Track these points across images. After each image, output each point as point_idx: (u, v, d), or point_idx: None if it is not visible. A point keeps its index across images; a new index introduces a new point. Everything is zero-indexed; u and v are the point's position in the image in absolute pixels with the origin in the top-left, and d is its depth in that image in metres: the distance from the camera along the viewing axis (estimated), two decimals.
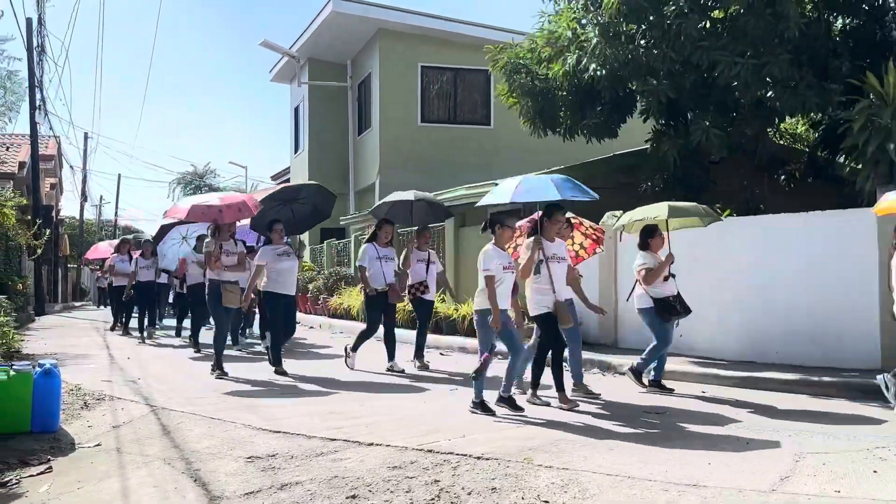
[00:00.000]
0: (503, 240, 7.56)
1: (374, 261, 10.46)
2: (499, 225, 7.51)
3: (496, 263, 7.30)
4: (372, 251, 10.54)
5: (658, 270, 8.71)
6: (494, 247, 7.43)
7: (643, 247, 8.98)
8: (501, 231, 7.50)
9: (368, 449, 5.83)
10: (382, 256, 10.50)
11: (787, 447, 5.88)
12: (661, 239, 8.92)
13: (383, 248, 10.61)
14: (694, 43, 11.05)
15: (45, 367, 6.74)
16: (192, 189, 66.63)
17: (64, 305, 35.90)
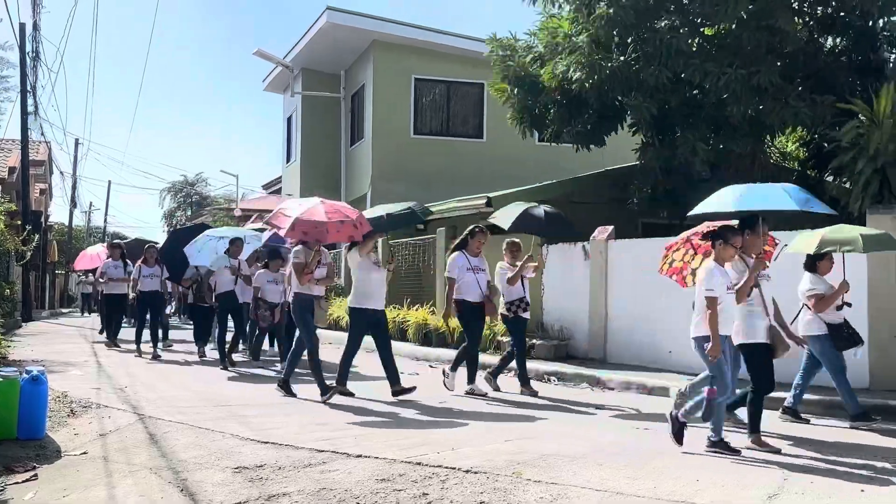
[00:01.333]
0: (725, 257, 6.57)
1: (466, 271, 9.47)
2: (721, 241, 6.52)
3: (720, 283, 6.42)
4: (462, 261, 9.52)
5: (831, 298, 7.87)
6: (717, 264, 6.52)
7: (811, 269, 8.08)
8: (724, 248, 6.50)
9: (357, 461, 5.81)
10: (474, 267, 9.50)
11: (774, 465, 5.90)
12: (829, 263, 8.02)
13: (474, 257, 9.60)
14: (686, 59, 11.12)
15: (33, 373, 6.69)
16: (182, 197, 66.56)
17: (51, 312, 35.73)
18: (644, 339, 11.69)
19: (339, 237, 8.76)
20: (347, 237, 8.77)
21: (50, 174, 37.07)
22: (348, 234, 8.68)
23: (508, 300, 9.64)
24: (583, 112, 13.48)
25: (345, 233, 8.63)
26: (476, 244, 9.62)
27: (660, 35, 11.19)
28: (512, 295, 9.67)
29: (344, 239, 8.88)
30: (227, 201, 52.09)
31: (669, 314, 11.24)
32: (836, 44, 13.15)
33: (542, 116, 13.99)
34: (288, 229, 8.38)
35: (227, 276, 12.30)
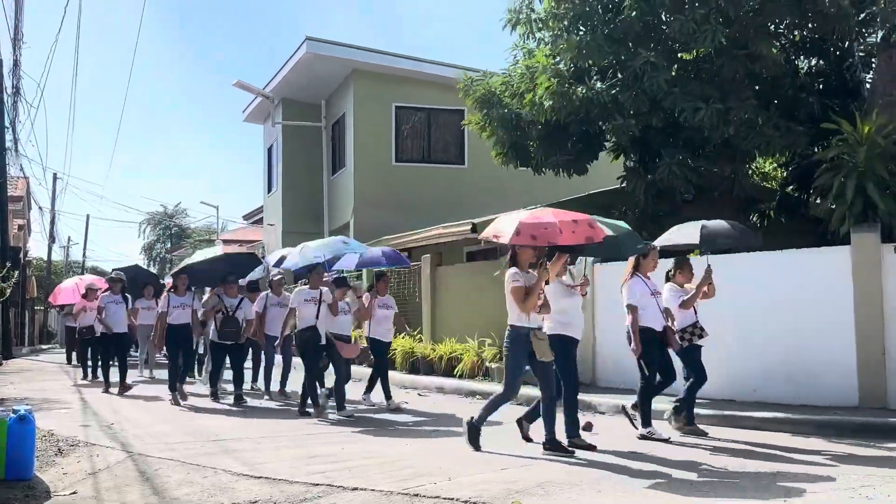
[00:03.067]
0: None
1: (647, 297, 8.39)
2: None
3: None
4: (641, 286, 8.45)
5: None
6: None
7: None
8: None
9: (353, 494, 5.74)
10: (653, 291, 8.49)
11: (773, 488, 5.87)
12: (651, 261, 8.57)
13: (649, 280, 8.57)
14: (663, 89, 11.22)
15: (20, 412, 6.59)
16: (161, 229, 66.31)
17: (31, 348, 35.28)
18: (632, 363, 11.62)
19: (575, 238, 7.48)
20: (585, 238, 7.55)
21: (28, 209, 36.84)
22: (585, 234, 7.51)
23: (681, 326, 8.66)
24: (565, 141, 13.54)
25: (581, 233, 7.46)
26: (652, 264, 8.59)
27: (636, 66, 11.30)
28: (686, 320, 8.72)
29: (581, 240, 7.58)
30: (207, 232, 51.91)
31: None
32: (812, 66, 13.32)
33: (526, 149, 14.03)
34: (513, 235, 7.20)
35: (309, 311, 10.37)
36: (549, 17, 12.28)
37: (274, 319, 12.26)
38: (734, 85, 11.24)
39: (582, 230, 7.42)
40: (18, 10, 22.20)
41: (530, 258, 7.49)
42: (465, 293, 15.02)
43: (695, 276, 8.88)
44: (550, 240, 7.32)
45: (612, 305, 12.04)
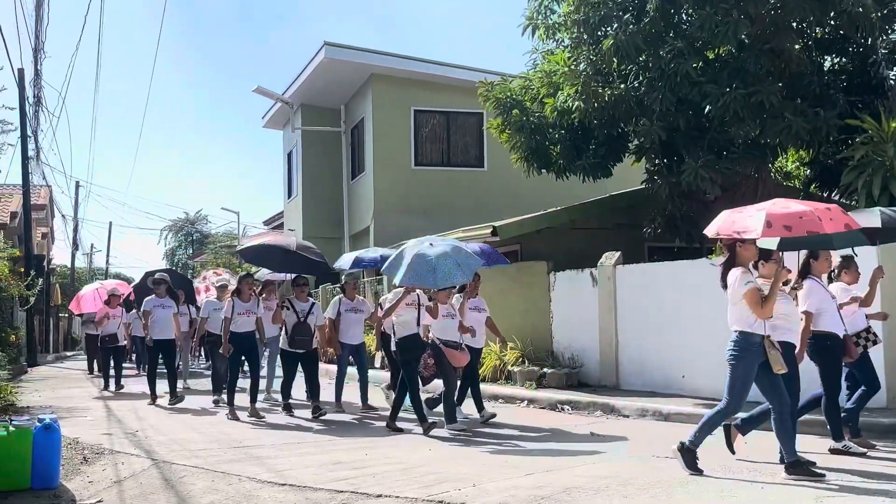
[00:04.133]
0: None
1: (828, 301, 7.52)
2: None
3: None
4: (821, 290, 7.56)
5: None
6: None
7: None
8: None
9: (377, 501, 5.72)
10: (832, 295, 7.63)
11: (805, 490, 5.80)
12: None
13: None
14: (691, 82, 11.13)
15: (45, 421, 6.62)
16: (183, 235, 66.67)
17: (56, 356, 35.56)
18: (656, 365, 11.60)
19: (834, 225, 6.62)
20: (844, 224, 6.72)
21: (51, 217, 37.12)
22: (843, 220, 6.69)
23: (854, 331, 7.81)
24: (589, 143, 13.45)
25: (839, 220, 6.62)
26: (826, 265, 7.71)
27: (663, 62, 11.20)
28: (857, 325, 7.90)
29: (841, 227, 6.74)
30: (228, 238, 52.12)
31: (682, 338, 11.20)
32: (835, 63, 13.18)
33: (547, 153, 13.94)
34: (763, 227, 6.33)
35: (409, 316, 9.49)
36: (568, 21, 12.22)
37: (350, 326, 11.31)
38: (758, 79, 11.11)
39: (838, 216, 6.61)
40: (39, 21, 22.33)
41: (753, 256, 6.80)
42: (486, 296, 14.91)
43: None
44: (811, 229, 6.40)
45: (635, 307, 12.00)
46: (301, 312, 10.74)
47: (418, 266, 8.80)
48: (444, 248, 9.10)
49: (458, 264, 8.90)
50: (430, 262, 8.82)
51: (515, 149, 14.18)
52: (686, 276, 11.34)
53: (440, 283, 8.86)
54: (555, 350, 13.45)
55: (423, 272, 8.77)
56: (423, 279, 8.82)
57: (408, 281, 8.84)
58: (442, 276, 8.76)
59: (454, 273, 8.85)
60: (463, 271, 8.94)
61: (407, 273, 8.78)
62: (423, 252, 8.96)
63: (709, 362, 10.77)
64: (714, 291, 10.75)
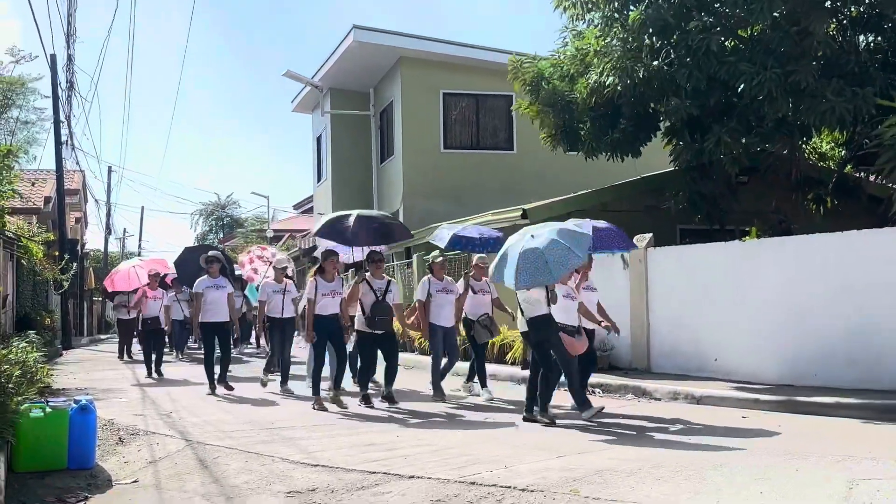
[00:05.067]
0: None
1: None
2: None
3: None
4: None
5: None
6: None
7: None
8: None
9: (409, 482, 5.73)
10: None
11: (837, 473, 5.73)
12: None
13: None
14: (719, 59, 10.98)
15: (81, 403, 6.70)
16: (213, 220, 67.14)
17: (90, 339, 36.05)
18: (688, 348, 11.52)
19: None
20: None
21: (84, 202, 37.56)
22: None
23: None
24: (617, 123, 13.34)
25: None
26: None
27: (692, 36, 11.06)
28: None
29: None
30: (259, 222, 52.44)
31: (714, 321, 11.11)
32: (871, 42, 12.95)
33: (576, 132, 13.85)
34: None
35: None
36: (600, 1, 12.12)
37: (442, 308, 10.62)
38: (791, 58, 10.93)
39: None
40: (71, 6, 22.53)
41: None
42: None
43: None
44: None
45: (666, 290, 11.91)
46: (378, 290, 9.93)
47: (527, 263, 8.13)
48: (549, 235, 8.31)
49: (568, 248, 8.13)
50: (539, 256, 8.11)
51: (544, 126, 14.10)
52: (718, 258, 11.25)
53: (555, 275, 8.11)
54: None
55: (534, 269, 8.08)
56: (538, 276, 8.10)
57: (524, 283, 8.17)
58: (555, 266, 8.03)
59: (567, 258, 8.10)
60: (575, 253, 8.15)
61: (520, 275, 8.12)
62: (528, 247, 8.22)
63: (742, 345, 10.70)
64: (746, 274, 10.73)
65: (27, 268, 20.44)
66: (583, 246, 8.32)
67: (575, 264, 8.34)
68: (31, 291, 21.46)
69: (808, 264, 10.15)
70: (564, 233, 8.37)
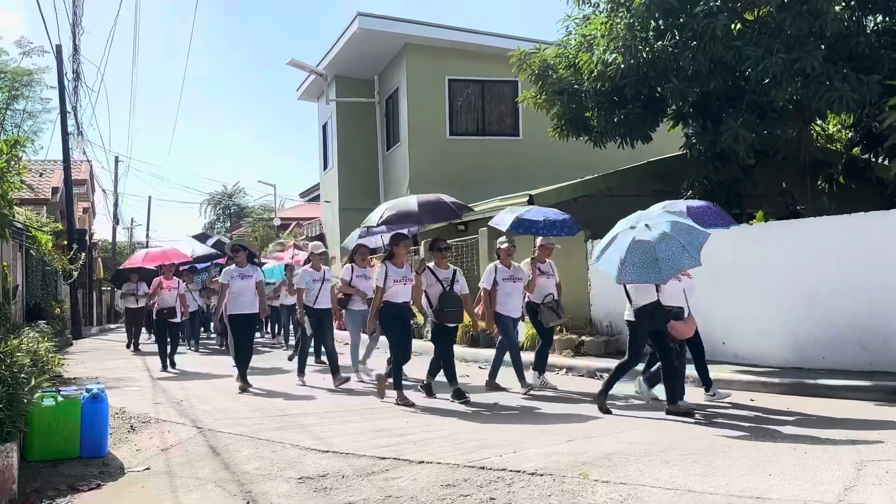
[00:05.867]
0: None
1: None
2: None
3: None
4: None
5: None
6: None
7: None
8: None
9: (419, 467, 5.77)
10: None
11: (846, 455, 5.74)
12: None
13: None
14: (725, 43, 10.94)
15: (93, 391, 6.76)
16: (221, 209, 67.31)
17: (100, 328, 36.22)
18: None
19: None
20: None
21: (92, 192, 37.65)
22: None
23: None
24: (625, 107, 13.31)
25: None
26: None
27: (697, 20, 11.02)
28: None
29: None
30: (266, 210, 52.54)
31: (721, 304, 11.10)
32: (879, 23, 12.86)
33: (584, 120, 13.81)
34: None
35: None
36: None
37: (510, 297, 9.98)
38: (799, 41, 10.88)
39: None
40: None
41: None
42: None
43: None
44: None
45: None
46: (445, 281, 9.30)
47: (635, 257, 7.51)
48: (664, 227, 7.65)
49: (682, 247, 7.46)
50: (649, 251, 7.48)
51: (552, 117, 14.07)
52: (725, 242, 11.22)
53: (664, 275, 7.47)
54: (593, 318, 13.42)
55: (642, 265, 7.48)
56: (644, 274, 7.50)
57: (628, 278, 7.62)
58: (666, 266, 7.40)
59: (680, 257, 7.44)
60: (690, 253, 7.45)
61: (625, 267, 7.54)
62: (640, 239, 7.61)
63: (750, 328, 10.71)
64: (754, 257, 10.72)
65: (36, 258, 20.52)
66: (698, 246, 7.56)
67: (687, 266, 7.59)
68: (41, 281, 21.56)
69: (815, 247, 10.13)
70: (681, 229, 7.67)
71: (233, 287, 10.79)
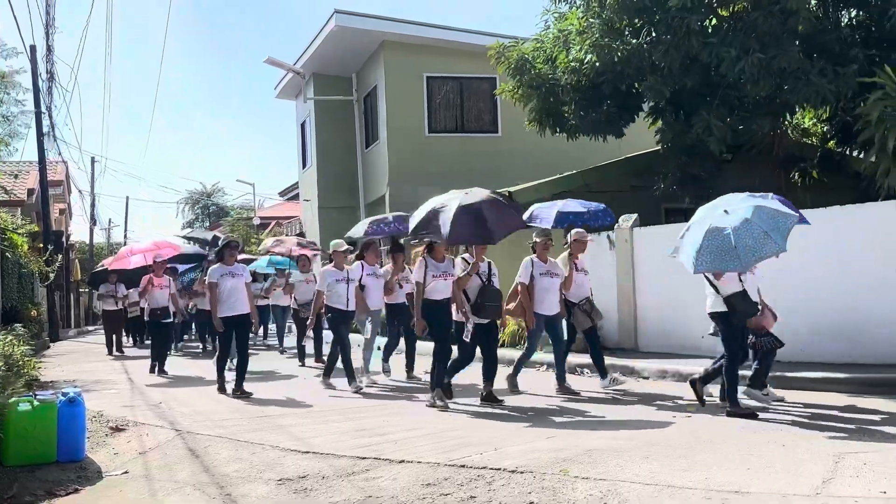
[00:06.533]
0: None
1: None
2: None
3: None
4: None
5: None
6: None
7: None
8: None
9: (400, 466, 5.75)
10: None
11: (824, 448, 5.79)
12: None
13: None
14: (700, 40, 10.99)
15: (69, 395, 6.68)
16: (199, 208, 66.93)
17: (77, 331, 35.93)
18: (675, 326, 11.57)
19: None
20: None
21: (68, 193, 37.31)
22: None
23: None
24: (601, 103, 13.34)
25: None
26: None
27: (670, 15, 11.06)
28: None
29: None
30: (245, 210, 52.30)
31: (701, 299, 11.13)
32: (853, 18, 12.97)
33: (560, 114, 13.85)
34: None
35: None
36: None
37: (547, 293, 9.34)
38: (773, 38, 10.95)
39: None
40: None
41: None
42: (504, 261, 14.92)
43: None
44: None
45: (653, 269, 11.95)
46: (483, 274, 8.70)
47: (712, 244, 7.04)
48: (745, 213, 7.12)
49: (765, 233, 6.89)
50: (726, 238, 6.97)
51: (528, 108, 14.09)
52: None
53: (744, 262, 6.97)
54: None
55: (719, 252, 6.99)
56: (722, 262, 7.04)
57: (702, 266, 7.14)
58: (745, 253, 6.88)
59: (762, 246, 6.89)
60: (774, 239, 6.89)
61: (700, 256, 7.07)
62: (716, 226, 7.12)
63: None
64: None
65: (12, 260, 20.28)
66: (784, 230, 6.99)
67: (771, 253, 6.96)
68: (17, 284, 21.29)
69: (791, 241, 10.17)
70: (763, 213, 7.10)
71: (222, 286, 10.07)
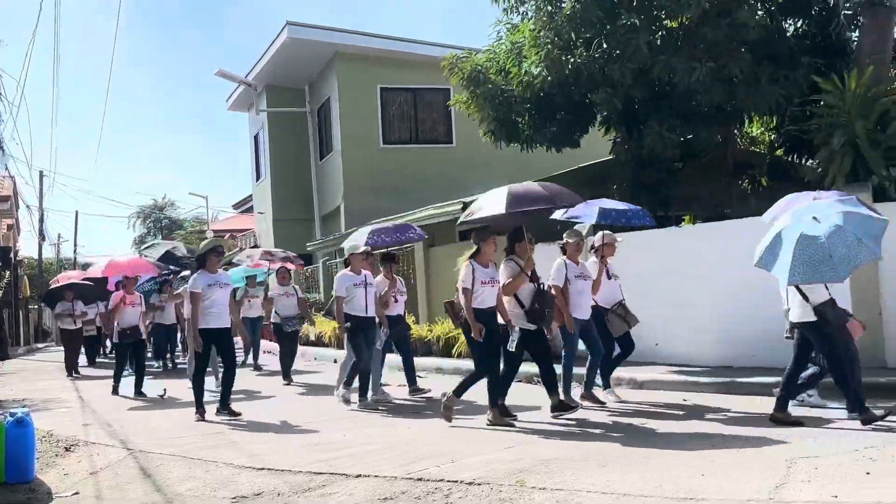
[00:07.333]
0: None
1: None
2: None
3: None
4: None
5: None
6: None
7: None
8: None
9: (356, 481, 5.71)
10: None
11: (777, 453, 5.87)
12: None
13: None
14: (652, 55, 11.13)
15: (17, 415, 6.54)
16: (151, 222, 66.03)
17: (27, 348, 35.18)
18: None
19: None
20: None
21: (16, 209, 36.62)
22: None
23: None
24: (554, 114, 13.43)
25: None
26: None
27: (619, 33, 11.21)
28: None
29: None
30: (198, 223, 51.73)
31: (655, 307, 11.25)
32: (799, 27, 13.23)
33: (514, 125, 13.92)
34: None
35: None
36: None
37: (580, 297, 8.79)
38: (722, 48, 11.14)
39: None
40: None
41: None
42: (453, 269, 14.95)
43: None
44: None
45: None
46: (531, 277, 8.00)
47: (805, 254, 6.58)
48: (836, 219, 6.68)
49: (858, 240, 6.49)
50: (822, 247, 6.53)
51: (483, 121, 14.14)
52: (657, 244, 11.40)
53: (841, 273, 6.54)
54: None
55: (815, 262, 6.54)
56: (818, 273, 6.59)
57: (798, 278, 6.67)
58: (841, 263, 6.46)
59: (858, 252, 6.49)
60: (867, 245, 6.50)
61: (795, 267, 6.59)
62: (808, 234, 6.65)
63: (682, 330, 10.87)
64: (684, 259, 10.90)
65: None
66: (875, 236, 6.61)
67: (866, 260, 6.65)
68: None
69: (740, 247, 10.30)
70: (853, 219, 6.70)
71: (207, 297, 9.10)
